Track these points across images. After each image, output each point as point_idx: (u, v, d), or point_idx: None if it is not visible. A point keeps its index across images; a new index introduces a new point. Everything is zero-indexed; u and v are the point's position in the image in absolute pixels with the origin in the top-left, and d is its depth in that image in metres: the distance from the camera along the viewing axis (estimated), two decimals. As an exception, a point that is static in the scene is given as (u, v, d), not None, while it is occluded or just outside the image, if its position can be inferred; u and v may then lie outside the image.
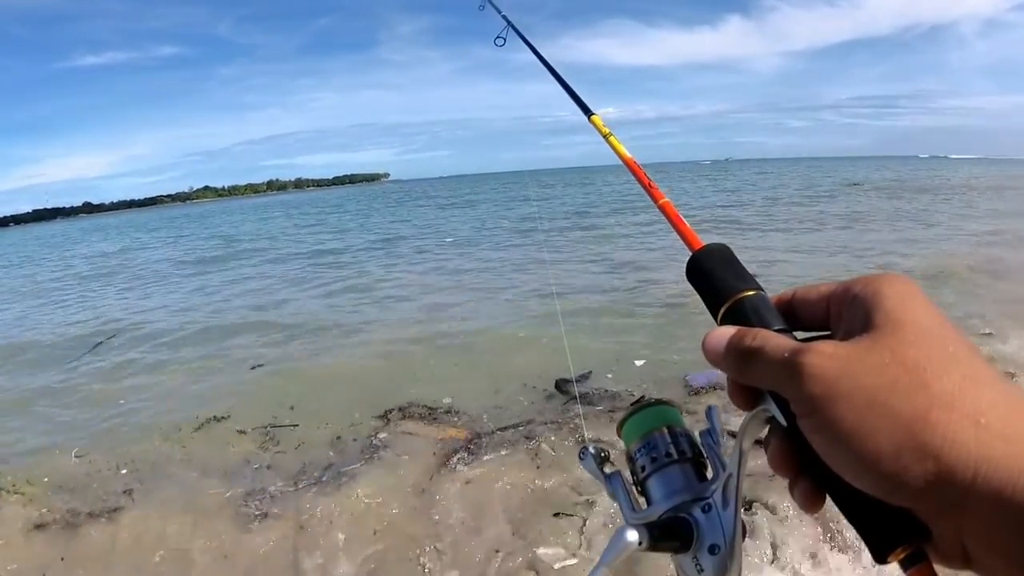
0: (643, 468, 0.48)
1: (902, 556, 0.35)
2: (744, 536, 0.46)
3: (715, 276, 0.46)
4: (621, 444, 0.52)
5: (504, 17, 1.25)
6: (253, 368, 6.41)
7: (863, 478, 0.34)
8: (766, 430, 0.42)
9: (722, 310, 0.44)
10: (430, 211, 32.52)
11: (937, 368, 0.34)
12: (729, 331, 0.41)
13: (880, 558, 0.36)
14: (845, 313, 0.39)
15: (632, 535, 0.43)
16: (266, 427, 4.76)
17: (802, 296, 0.43)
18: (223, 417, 5.04)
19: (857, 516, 0.37)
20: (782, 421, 0.39)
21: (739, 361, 0.40)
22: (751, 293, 0.44)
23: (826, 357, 0.36)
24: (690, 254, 0.49)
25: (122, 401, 5.80)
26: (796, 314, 0.43)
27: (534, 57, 1.03)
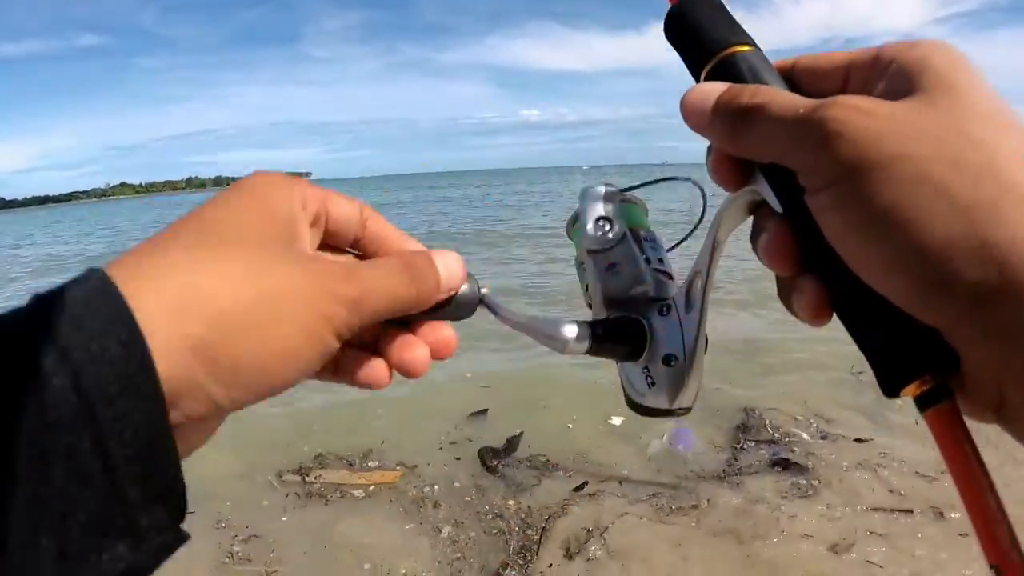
0: None
1: (920, 391, 0.26)
2: (706, 348, 0.38)
3: (701, 27, 0.35)
4: None
5: None
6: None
7: (893, 278, 0.25)
8: (748, 221, 0.33)
9: (707, 67, 0.34)
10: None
11: (1007, 151, 0.25)
12: (717, 87, 0.32)
13: (891, 391, 0.27)
14: (876, 80, 0.30)
15: (571, 329, 0.36)
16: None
17: (808, 65, 0.34)
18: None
19: (867, 334, 0.28)
20: (776, 207, 0.30)
21: (733, 122, 0.30)
22: (747, 48, 0.34)
23: (861, 113, 0.26)
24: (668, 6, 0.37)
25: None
26: (799, 87, 0.33)
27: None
